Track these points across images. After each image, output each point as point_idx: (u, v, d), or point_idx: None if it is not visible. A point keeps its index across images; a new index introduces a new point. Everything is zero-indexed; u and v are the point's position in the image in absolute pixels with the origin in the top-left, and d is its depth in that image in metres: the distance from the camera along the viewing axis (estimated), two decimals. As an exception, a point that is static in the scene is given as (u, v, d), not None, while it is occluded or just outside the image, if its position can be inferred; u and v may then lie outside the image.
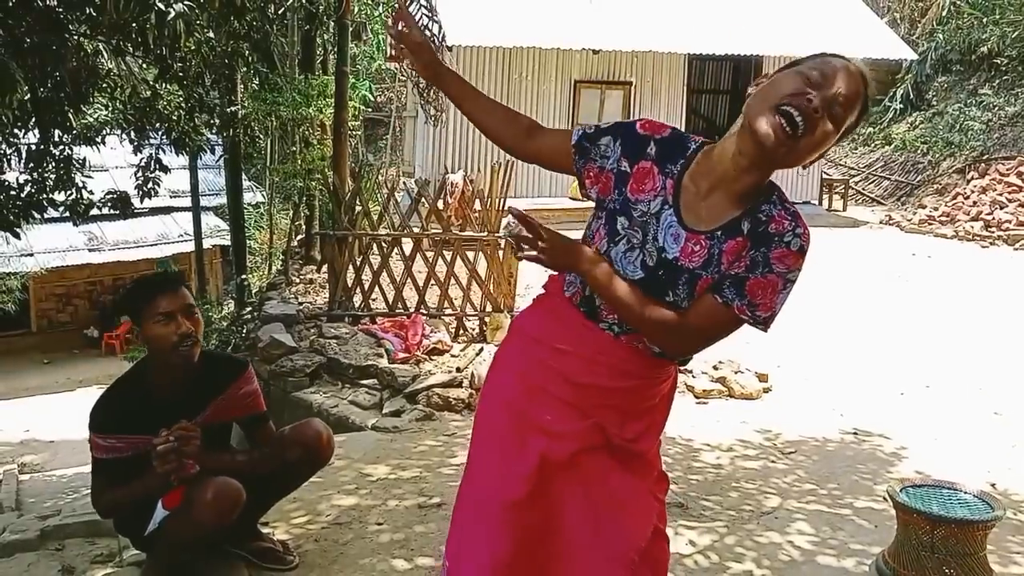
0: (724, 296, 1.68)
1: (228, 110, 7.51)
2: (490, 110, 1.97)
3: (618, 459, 1.82)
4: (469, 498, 1.87)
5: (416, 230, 6.95)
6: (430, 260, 6.84)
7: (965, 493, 2.96)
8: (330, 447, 2.87)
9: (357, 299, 6.91)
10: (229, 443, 2.80)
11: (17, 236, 5.64)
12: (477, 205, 7.16)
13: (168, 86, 6.34)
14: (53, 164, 5.81)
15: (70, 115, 5.42)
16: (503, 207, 7.03)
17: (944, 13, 16.27)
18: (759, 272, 1.66)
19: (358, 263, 6.92)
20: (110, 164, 12.76)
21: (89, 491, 2.72)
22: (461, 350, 6.17)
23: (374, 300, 6.94)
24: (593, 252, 1.76)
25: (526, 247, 1.70)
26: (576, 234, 1.86)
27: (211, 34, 5.41)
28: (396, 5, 7.87)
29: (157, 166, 6.67)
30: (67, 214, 6.14)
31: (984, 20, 15.54)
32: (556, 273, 1.86)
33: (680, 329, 1.70)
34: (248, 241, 12.88)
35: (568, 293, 1.82)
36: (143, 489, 2.55)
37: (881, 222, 13.33)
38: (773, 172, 1.68)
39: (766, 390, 5.51)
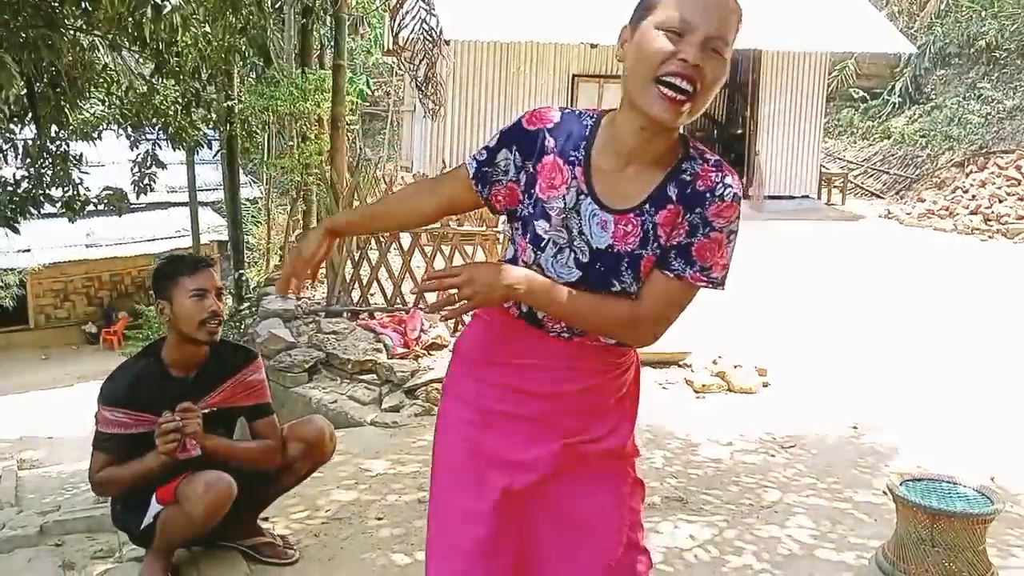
0: (673, 269, 1.60)
1: (225, 105, 7.49)
2: (394, 212, 1.93)
3: (589, 474, 1.73)
4: (435, 542, 1.76)
5: (414, 225, 6.93)
6: (428, 255, 6.83)
7: (964, 487, 2.96)
8: (332, 444, 2.89)
9: (355, 294, 6.90)
10: (232, 437, 2.81)
11: (16, 231, 5.63)
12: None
13: (164, 81, 6.32)
14: (50, 160, 5.80)
15: (66, 110, 5.41)
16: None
17: (943, 6, 16.26)
18: (701, 234, 1.58)
19: (356, 258, 6.91)
20: (107, 160, 12.74)
21: (87, 488, 2.73)
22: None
23: (372, 295, 6.93)
24: (522, 269, 1.66)
25: (453, 299, 1.61)
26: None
27: (207, 28, 5.40)
28: (393, 3, 7.83)
29: (154, 162, 6.66)
30: (63, 211, 6.12)
31: (983, 13, 15.53)
32: None
33: (639, 319, 1.63)
34: (246, 236, 12.85)
35: (506, 305, 1.71)
36: (142, 468, 2.58)
37: (880, 216, 13.32)
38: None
39: (765, 384, 5.51)
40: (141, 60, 7.32)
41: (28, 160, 5.70)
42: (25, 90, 5.11)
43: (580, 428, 1.72)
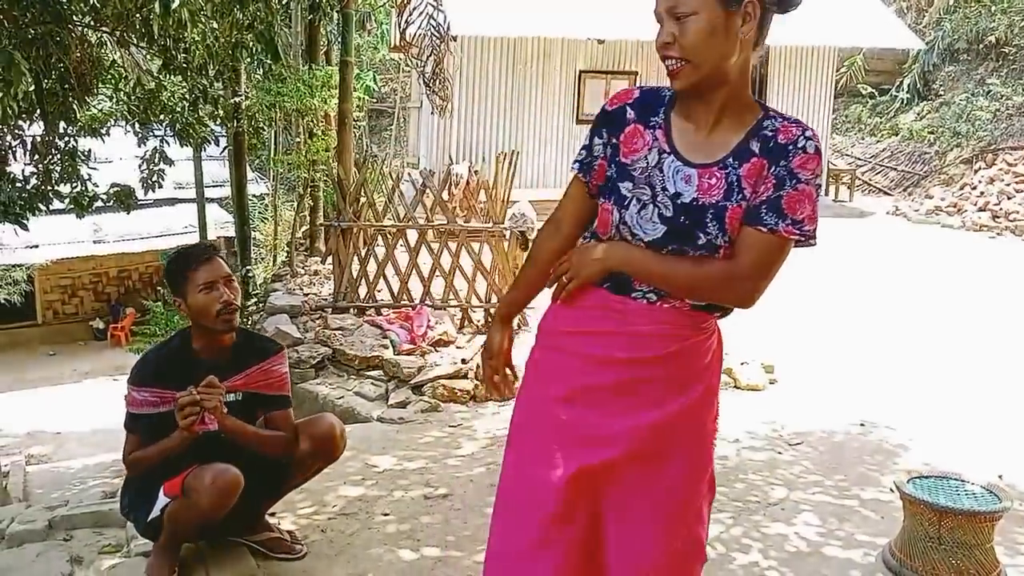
0: (765, 223, 1.66)
1: (232, 101, 7.49)
2: (541, 263, 1.94)
3: (667, 463, 1.75)
4: (505, 514, 1.81)
5: (421, 221, 6.94)
6: (435, 251, 6.83)
7: (972, 484, 2.96)
8: (343, 442, 2.90)
9: (362, 290, 6.91)
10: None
11: (25, 228, 5.64)
12: (482, 196, 7.15)
13: (172, 77, 6.32)
14: (58, 156, 5.80)
15: (75, 107, 5.41)
16: (508, 198, 7.02)
17: (951, 2, 16.17)
18: (788, 186, 1.66)
19: (363, 254, 6.91)
20: (114, 156, 12.76)
21: (95, 483, 2.75)
22: (466, 341, 6.16)
23: (379, 291, 6.93)
24: (608, 242, 1.76)
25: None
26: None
27: (215, 24, 5.40)
28: None
29: (161, 158, 6.66)
30: (71, 207, 6.13)
31: (992, 9, 15.44)
32: None
33: (736, 276, 1.68)
34: (253, 233, 12.85)
35: None
36: (167, 446, 2.61)
37: (888, 213, 13.27)
38: (728, 76, 1.68)
39: (772, 381, 5.50)
40: (149, 56, 7.32)
41: (36, 156, 5.71)
42: (33, 86, 5.11)
43: (662, 396, 1.74)
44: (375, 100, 18.22)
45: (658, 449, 1.75)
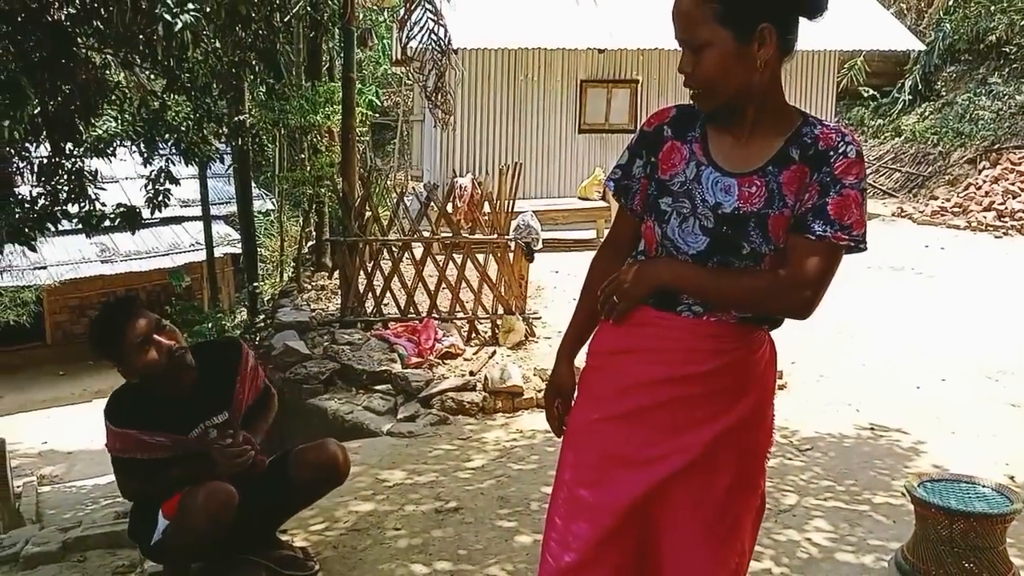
0: (813, 231, 1.64)
1: (236, 119, 7.54)
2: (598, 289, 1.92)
3: (718, 479, 1.74)
4: (555, 535, 1.80)
5: (426, 234, 6.96)
6: (441, 264, 6.85)
7: (983, 487, 2.94)
8: (346, 467, 2.89)
9: (369, 305, 6.93)
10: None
11: (33, 249, 5.68)
12: (486, 208, 7.17)
13: (176, 97, 6.37)
14: (65, 176, 5.85)
15: (80, 128, 5.46)
16: (512, 209, 7.04)
17: (951, 2, 16.17)
18: (834, 192, 1.64)
19: (369, 269, 6.94)
20: (120, 175, 12.84)
21: (107, 502, 2.77)
22: (474, 353, 6.17)
23: (386, 305, 6.95)
24: (653, 259, 1.76)
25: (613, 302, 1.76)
26: (584, 233, 1.87)
27: (218, 44, 5.44)
28: (401, 14, 7.88)
29: (167, 178, 6.71)
30: (79, 226, 6.17)
31: (992, 8, 15.42)
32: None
33: (788, 287, 1.66)
34: (259, 249, 12.91)
35: None
36: (186, 481, 2.60)
37: (893, 214, 13.24)
38: (753, 93, 1.67)
39: (781, 387, 5.48)
40: (153, 77, 7.38)
41: (44, 178, 5.75)
42: (39, 109, 5.16)
43: (711, 412, 1.72)
44: (378, 114, 18.28)
45: (709, 466, 1.73)
